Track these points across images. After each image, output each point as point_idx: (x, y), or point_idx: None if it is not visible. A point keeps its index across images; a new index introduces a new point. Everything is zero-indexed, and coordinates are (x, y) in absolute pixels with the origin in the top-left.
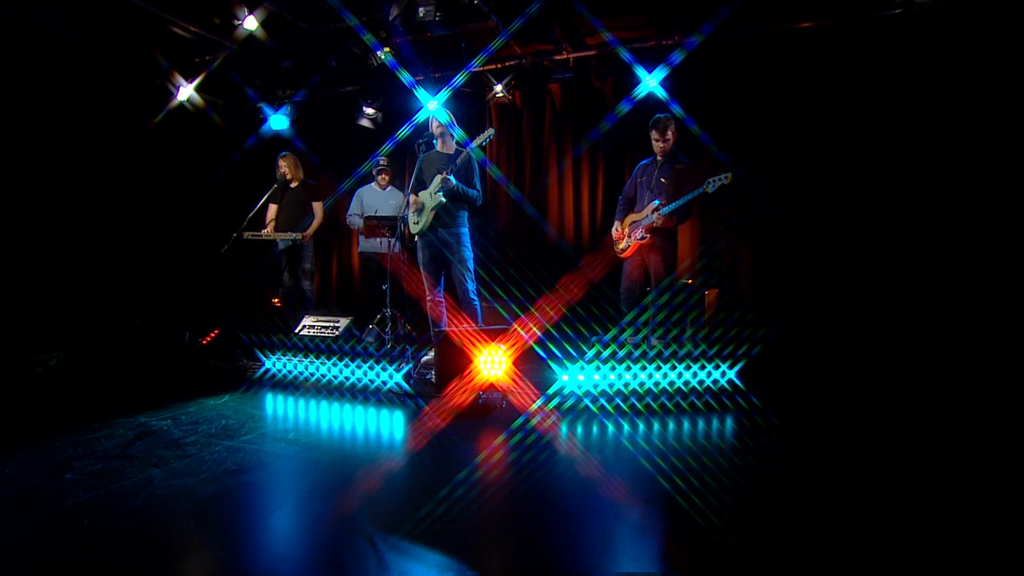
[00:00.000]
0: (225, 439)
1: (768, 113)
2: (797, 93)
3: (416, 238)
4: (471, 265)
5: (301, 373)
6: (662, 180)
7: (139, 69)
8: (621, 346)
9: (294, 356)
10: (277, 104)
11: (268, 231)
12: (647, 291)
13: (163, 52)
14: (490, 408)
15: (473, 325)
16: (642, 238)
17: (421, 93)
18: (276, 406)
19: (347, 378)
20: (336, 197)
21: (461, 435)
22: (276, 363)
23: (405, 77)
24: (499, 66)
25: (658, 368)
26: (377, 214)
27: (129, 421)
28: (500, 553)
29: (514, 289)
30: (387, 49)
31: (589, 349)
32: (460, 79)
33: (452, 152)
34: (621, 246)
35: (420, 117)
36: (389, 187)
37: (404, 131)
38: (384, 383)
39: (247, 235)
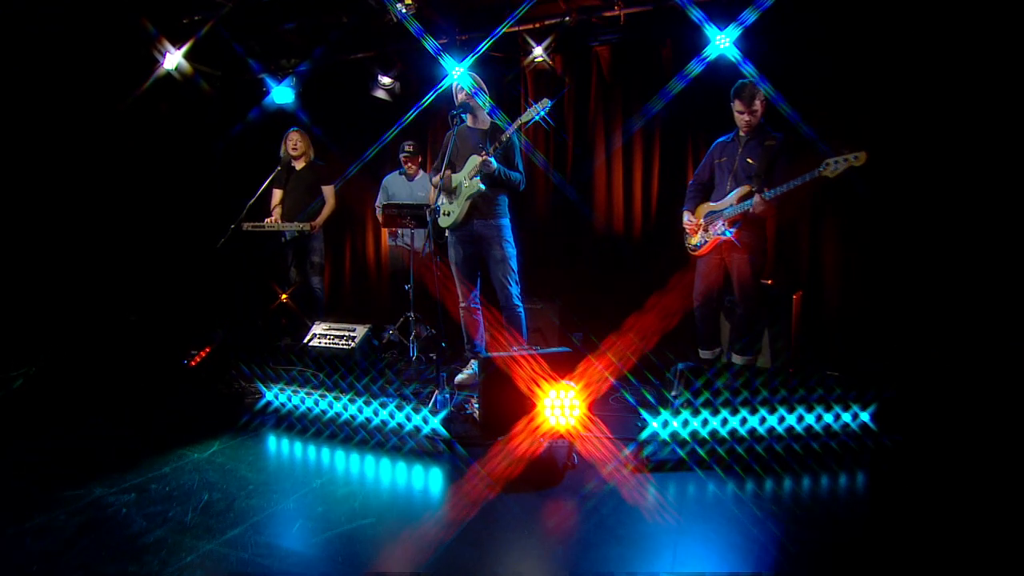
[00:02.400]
0: (204, 535)
1: (873, 79)
2: (907, 52)
3: (447, 232)
4: (514, 264)
5: (311, 409)
6: (749, 161)
7: (126, 37)
8: (728, 387)
9: (301, 387)
10: (281, 75)
11: (272, 220)
12: (726, 298)
13: (148, 14)
14: (557, 467)
15: (524, 346)
16: (724, 233)
17: (446, 60)
18: (279, 465)
19: (369, 419)
20: (347, 179)
21: (528, 516)
22: (279, 395)
23: (429, 42)
24: (537, 25)
25: (772, 410)
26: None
27: (79, 496)
28: None
29: (557, 288)
30: (408, 1)
31: (678, 380)
32: (493, 39)
33: (487, 127)
34: (694, 241)
35: (445, 84)
36: (419, 175)
37: (428, 99)
38: (418, 428)
39: (247, 226)
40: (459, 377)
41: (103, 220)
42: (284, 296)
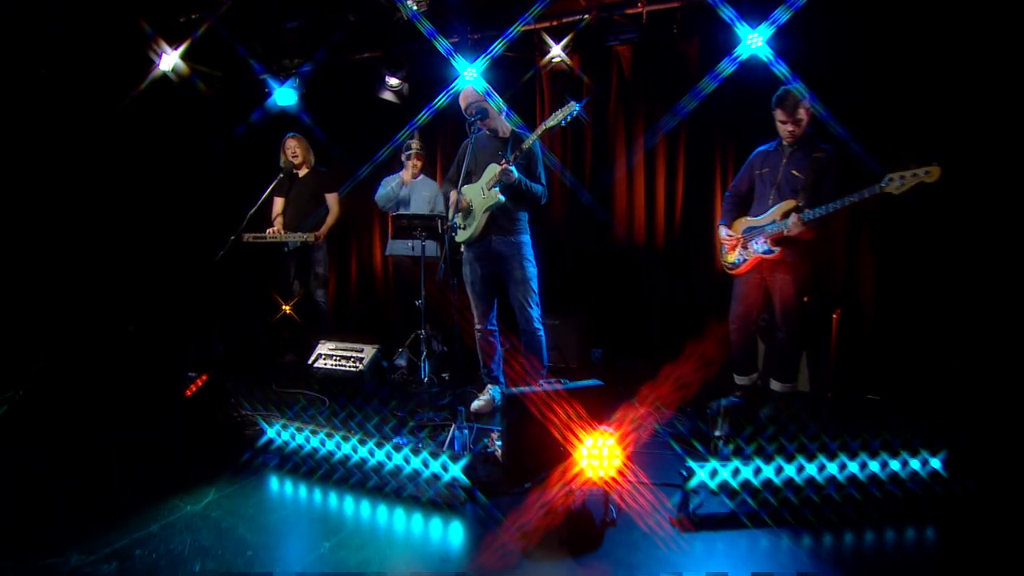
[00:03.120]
0: None
1: (925, 80)
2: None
3: (462, 249)
4: (535, 285)
5: (317, 450)
6: (794, 173)
7: (123, 37)
8: (782, 430)
9: (305, 424)
10: (283, 76)
11: (274, 230)
12: (761, 318)
13: (145, 13)
14: (595, 525)
15: (551, 379)
16: (767, 252)
17: (459, 61)
18: (282, 520)
19: (381, 463)
20: (355, 183)
21: None
22: (282, 433)
23: (441, 43)
24: (555, 23)
25: (832, 457)
26: (410, 211)
27: (54, 566)
28: None
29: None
30: None
31: (722, 419)
32: (506, 40)
33: (507, 135)
34: (732, 259)
35: (462, 86)
36: (421, 176)
37: (441, 100)
38: (436, 476)
39: (248, 237)
40: (475, 404)
41: (99, 226)
42: (287, 308)
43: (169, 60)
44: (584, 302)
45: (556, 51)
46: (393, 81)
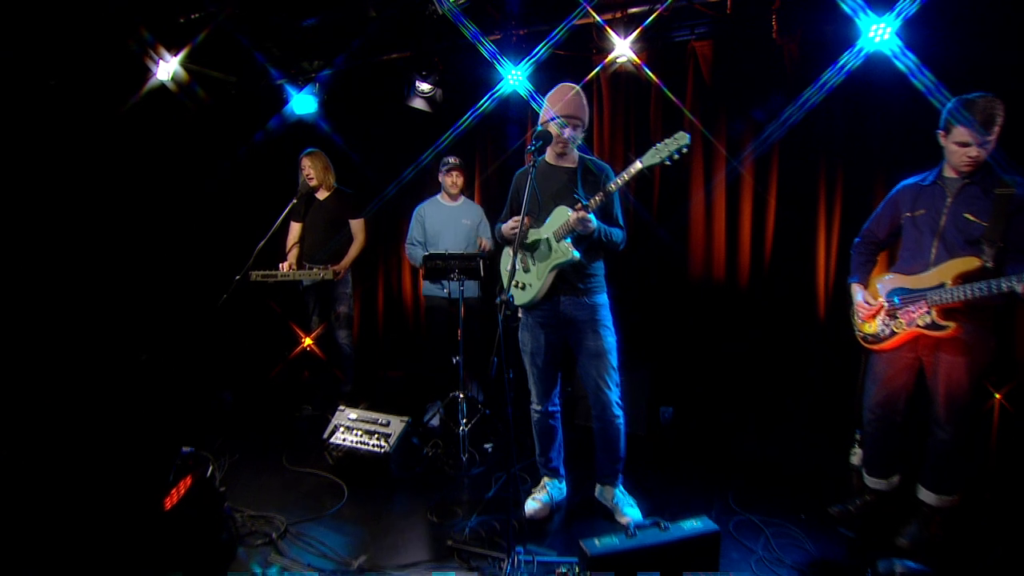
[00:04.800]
0: None
1: None
2: None
3: (519, 312)
4: (615, 358)
5: None
6: (968, 217)
7: (122, 42)
8: None
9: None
10: (302, 80)
11: (286, 266)
12: (902, 401)
13: (145, 15)
14: None
15: (642, 523)
16: (932, 327)
17: (506, 65)
18: None
19: None
20: (382, 202)
21: None
22: None
23: (487, 46)
24: (619, 15)
25: None
26: (444, 243)
27: None
28: None
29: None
30: None
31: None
32: (550, 43)
33: (575, 164)
34: (871, 330)
35: (507, 90)
36: (462, 198)
37: (485, 104)
38: None
39: (255, 275)
40: (530, 506)
41: (98, 250)
42: (308, 340)
43: (167, 68)
44: (653, 353)
45: (622, 48)
46: (424, 87)
